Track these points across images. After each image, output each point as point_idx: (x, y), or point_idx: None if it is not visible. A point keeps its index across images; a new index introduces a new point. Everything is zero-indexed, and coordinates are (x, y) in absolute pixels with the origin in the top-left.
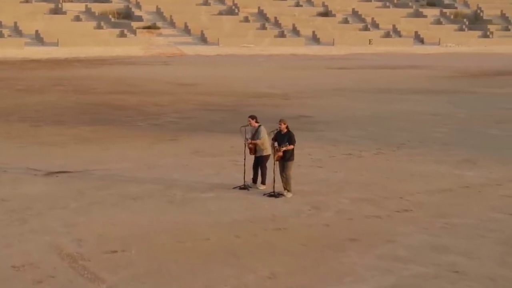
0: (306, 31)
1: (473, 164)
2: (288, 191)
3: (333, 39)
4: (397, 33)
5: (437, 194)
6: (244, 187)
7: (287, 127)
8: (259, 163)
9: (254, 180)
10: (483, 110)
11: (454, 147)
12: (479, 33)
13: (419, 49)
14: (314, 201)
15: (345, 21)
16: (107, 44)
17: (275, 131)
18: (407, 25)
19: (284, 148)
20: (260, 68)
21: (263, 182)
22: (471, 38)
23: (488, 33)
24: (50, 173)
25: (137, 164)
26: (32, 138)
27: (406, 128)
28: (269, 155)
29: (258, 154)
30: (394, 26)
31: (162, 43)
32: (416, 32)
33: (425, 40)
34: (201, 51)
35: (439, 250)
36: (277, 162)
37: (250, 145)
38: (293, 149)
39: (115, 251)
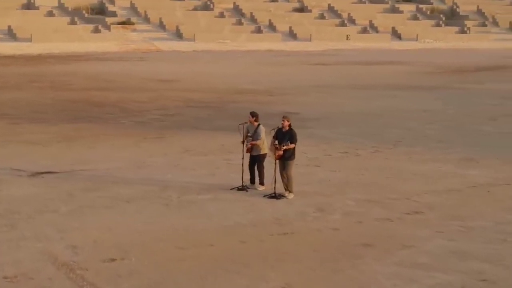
0: (282, 27)
1: (475, 162)
2: (290, 192)
3: (310, 34)
4: (374, 28)
5: (445, 195)
6: (242, 188)
7: (289, 125)
8: (255, 162)
9: (252, 181)
10: (471, 106)
11: (451, 144)
12: (456, 28)
13: (397, 44)
14: (318, 203)
15: (321, 16)
16: (81, 40)
17: (276, 129)
18: (384, 21)
19: (285, 147)
20: (238, 64)
21: (261, 183)
22: (448, 34)
23: (465, 28)
24: (35, 174)
25: (125, 164)
26: (13, 136)
27: (398, 125)
28: (266, 154)
29: (254, 153)
30: (370, 21)
31: (137, 38)
32: (393, 28)
33: (402, 35)
34: (177, 47)
35: (461, 256)
36: (277, 161)
37: (249, 145)
38: (294, 148)
39: (114, 259)
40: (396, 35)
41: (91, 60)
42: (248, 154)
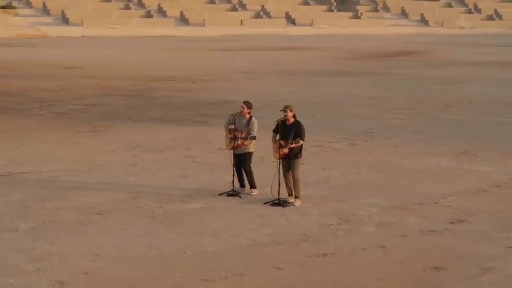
0: (173, 12)
1: (474, 156)
2: (297, 197)
3: (203, 20)
4: (267, 14)
5: (475, 198)
6: (234, 194)
7: (294, 116)
8: (241, 161)
9: (242, 184)
10: (415, 93)
11: (428, 135)
12: (349, 14)
13: (292, 30)
14: (336, 211)
15: (212, 1)
16: None
17: (279, 121)
18: (276, 6)
19: (293, 145)
20: (137, 50)
21: (252, 186)
22: (342, 19)
23: (358, 14)
24: None
25: (72, 165)
26: None
27: (355, 113)
28: (252, 152)
29: (240, 152)
30: (262, 6)
31: (20, 23)
32: (286, 13)
33: (296, 21)
34: (64, 33)
35: None
36: (280, 160)
37: (239, 142)
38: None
39: None
40: (290, 20)
41: None
42: (231, 153)
